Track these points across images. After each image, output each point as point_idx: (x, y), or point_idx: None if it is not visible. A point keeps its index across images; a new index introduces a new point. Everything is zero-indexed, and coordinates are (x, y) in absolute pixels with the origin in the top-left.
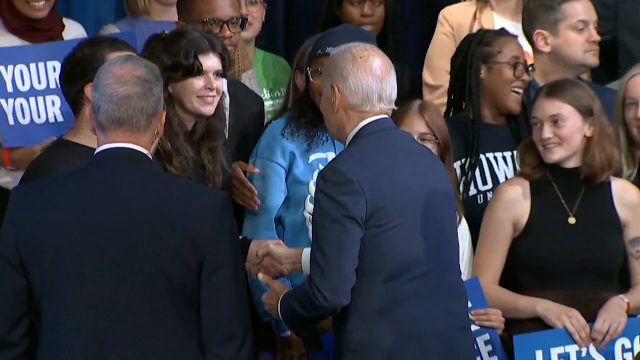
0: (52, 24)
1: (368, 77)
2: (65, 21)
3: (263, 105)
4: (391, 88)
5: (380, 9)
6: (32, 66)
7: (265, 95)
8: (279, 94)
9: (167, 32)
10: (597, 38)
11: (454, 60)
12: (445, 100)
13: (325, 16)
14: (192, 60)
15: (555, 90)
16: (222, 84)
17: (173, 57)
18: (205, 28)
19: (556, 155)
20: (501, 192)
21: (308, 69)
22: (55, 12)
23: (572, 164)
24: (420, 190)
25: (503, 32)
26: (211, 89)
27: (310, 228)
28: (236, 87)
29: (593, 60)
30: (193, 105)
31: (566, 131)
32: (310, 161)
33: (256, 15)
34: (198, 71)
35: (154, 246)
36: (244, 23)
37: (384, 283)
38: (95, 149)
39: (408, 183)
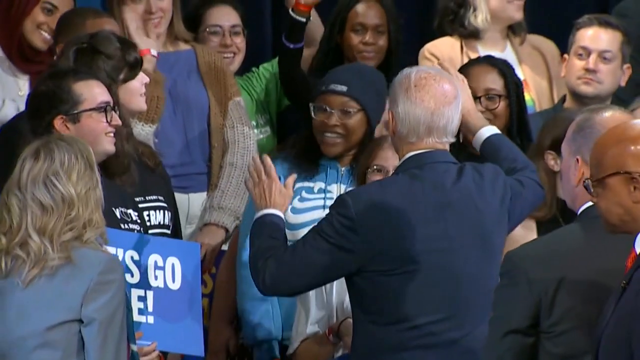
0: (46, 57)
1: (417, 107)
2: None
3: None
4: (445, 120)
5: (383, 38)
6: None
7: (253, 124)
8: (262, 122)
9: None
10: (593, 68)
11: None
12: None
13: (325, 42)
14: (133, 54)
15: None
16: None
17: (112, 58)
18: None
19: None
20: None
21: (311, 104)
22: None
23: None
24: (440, 239)
25: (467, 65)
26: (145, 85)
27: None
28: None
29: (583, 88)
30: (139, 104)
31: None
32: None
33: (240, 45)
34: (140, 64)
35: None
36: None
37: (385, 326)
38: None
39: (425, 231)
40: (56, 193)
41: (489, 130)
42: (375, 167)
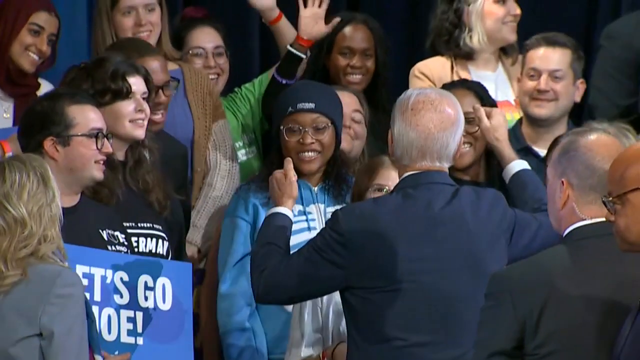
0: (32, 80)
1: (411, 130)
2: (40, 80)
3: (187, 152)
4: (439, 145)
5: (370, 61)
6: None
7: (239, 144)
8: (247, 142)
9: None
10: (544, 88)
11: None
12: None
13: (312, 64)
14: (120, 82)
15: None
16: (148, 108)
17: (98, 83)
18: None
19: None
20: None
21: (281, 127)
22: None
23: None
24: (429, 259)
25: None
26: (142, 111)
27: None
28: (159, 135)
29: (536, 111)
30: (126, 130)
31: None
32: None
33: (224, 66)
34: (127, 93)
35: None
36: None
37: (376, 343)
38: None
39: (414, 250)
40: (8, 215)
41: (520, 164)
42: (376, 186)
